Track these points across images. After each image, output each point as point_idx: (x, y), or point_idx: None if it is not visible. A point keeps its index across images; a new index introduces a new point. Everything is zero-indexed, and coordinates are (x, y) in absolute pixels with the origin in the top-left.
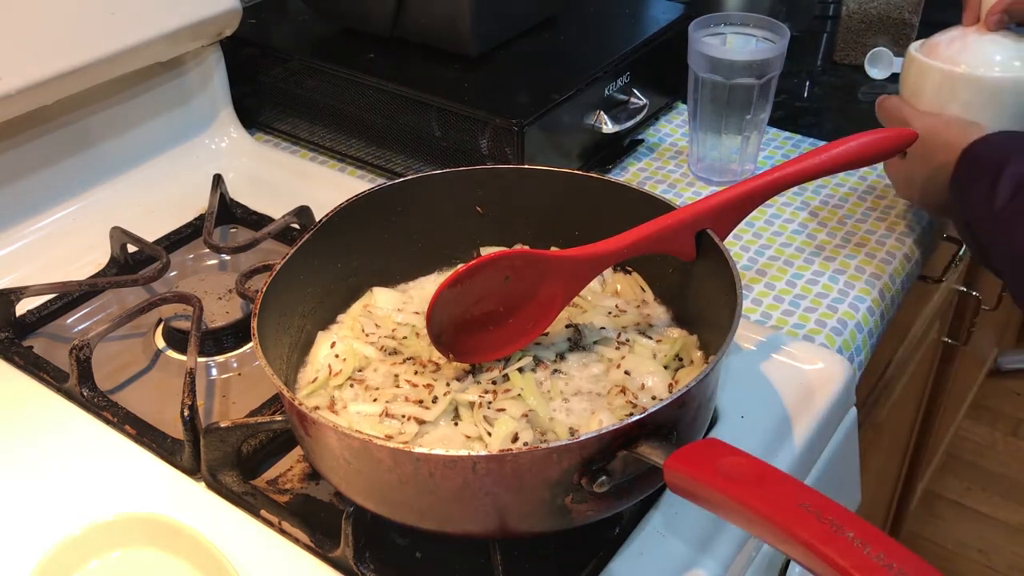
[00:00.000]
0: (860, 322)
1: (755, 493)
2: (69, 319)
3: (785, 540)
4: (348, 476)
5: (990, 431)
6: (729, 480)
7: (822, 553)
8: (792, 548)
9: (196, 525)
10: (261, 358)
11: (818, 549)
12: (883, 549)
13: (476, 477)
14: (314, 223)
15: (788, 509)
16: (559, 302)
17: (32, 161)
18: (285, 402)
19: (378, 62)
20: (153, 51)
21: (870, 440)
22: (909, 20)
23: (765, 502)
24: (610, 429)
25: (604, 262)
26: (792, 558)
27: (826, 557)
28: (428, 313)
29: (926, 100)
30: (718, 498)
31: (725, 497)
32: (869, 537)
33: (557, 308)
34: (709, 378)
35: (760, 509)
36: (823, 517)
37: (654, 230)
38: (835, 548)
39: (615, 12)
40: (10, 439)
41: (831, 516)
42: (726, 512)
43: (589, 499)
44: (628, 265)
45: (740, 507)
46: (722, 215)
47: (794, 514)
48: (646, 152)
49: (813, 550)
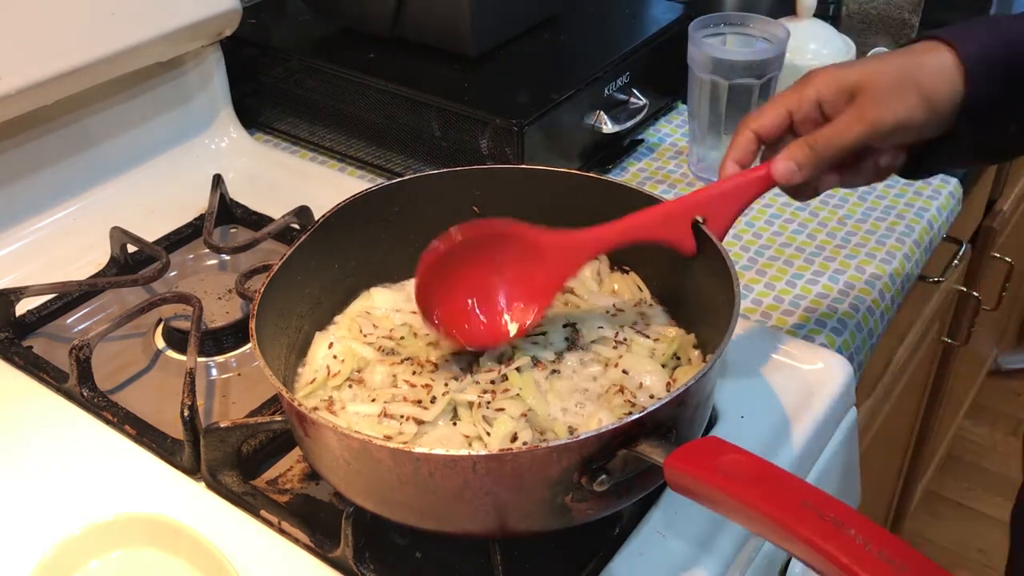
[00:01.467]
0: (860, 322)
1: (756, 491)
2: (69, 319)
3: (787, 538)
4: (348, 476)
5: (990, 431)
6: (730, 478)
7: (824, 550)
8: (794, 545)
9: (196, 525)
10: (260, 358)
11: (820, 546)
12: (885, 546)
13: (476, 477)
14: (312, 223)
15: (790, 507)
16: (552, 286)
17: (32, 161)
18: (284, 403)
19: (378, 62)
20: (153, 51)
21: (870, 440)
22: (909, 20)
23: (766, 500)
24: (610, 428)
25: (595, 246)
26: (794, 555)
27: (828, 554)
28: (417, 283)
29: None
30: (719, 496)
31: (726, 495)
32: (871, 534)
33: (550, 294)
34: (707, 377)
35: (761, 507)
36: (825, 514)
37: (646, 216)
38: (837, 545)
39: (615, 12)
40: (10, 439)
41: (833, 513)
42: (727, 510)
43: (589, 498)
44: (626, 264)
45: (741, 505)
46: (716, 204)
47: (796, 511)
48: (646, 152)
49: (815, 547)
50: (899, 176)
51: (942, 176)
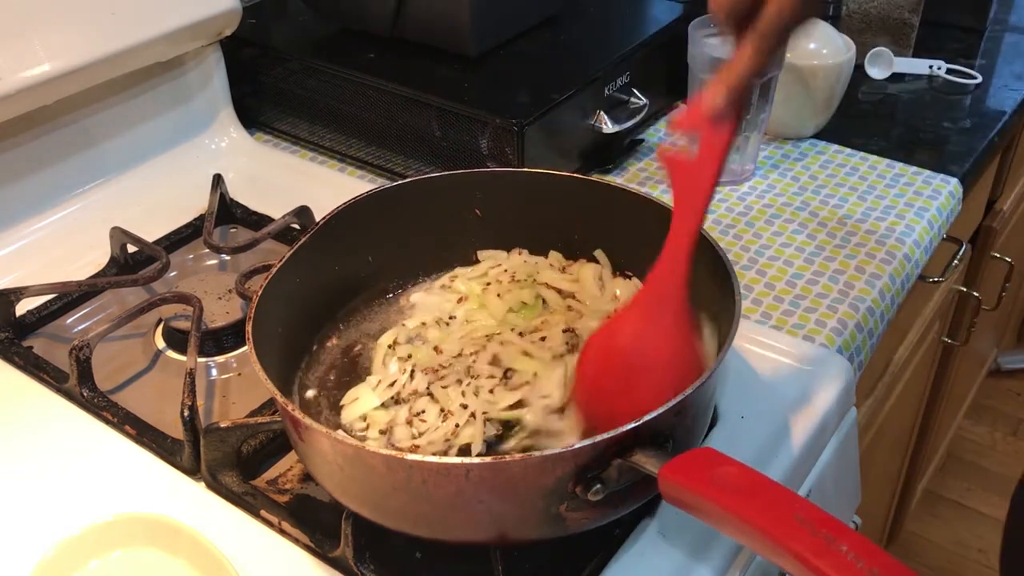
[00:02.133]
0: (860, 322)
1: (749, 504)
2: (69, 319)
3: (778, 552)
4: (343, 483)
5: (990, 431)
6: (723, 491)
7: (814, 567)
8: (785, 561)
9: (196, 525)
10: (255, 362)
11: (811, 563)
12: (877, 563)
13: (469, 484)
14: (312, 225)
15: (782, 521)
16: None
17: (32, 161)
18: (279, 407)
19: (378, 62)
20: (153, 51)
21: (870, 440)
22: (909, 20)
23: (759, 513)
24: (604, 437)
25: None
26: (785, 571)
27: (818, 571)
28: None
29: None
30: (711, 508)
31: (718, 507)
32: (863, 551)
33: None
34: (706, 385)
35: (754, 520)
36: (817, 530)
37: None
38: (828, 562)
39: (615, 12)
40: (10, 439)
41: (825, 529)
42: (719, 523)
43: (584, 507)
44: (628, 270)
45: (733, 518)
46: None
47: (788, 526)
48: (646, 152)
49: (806, 563)
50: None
51: (942, 176)
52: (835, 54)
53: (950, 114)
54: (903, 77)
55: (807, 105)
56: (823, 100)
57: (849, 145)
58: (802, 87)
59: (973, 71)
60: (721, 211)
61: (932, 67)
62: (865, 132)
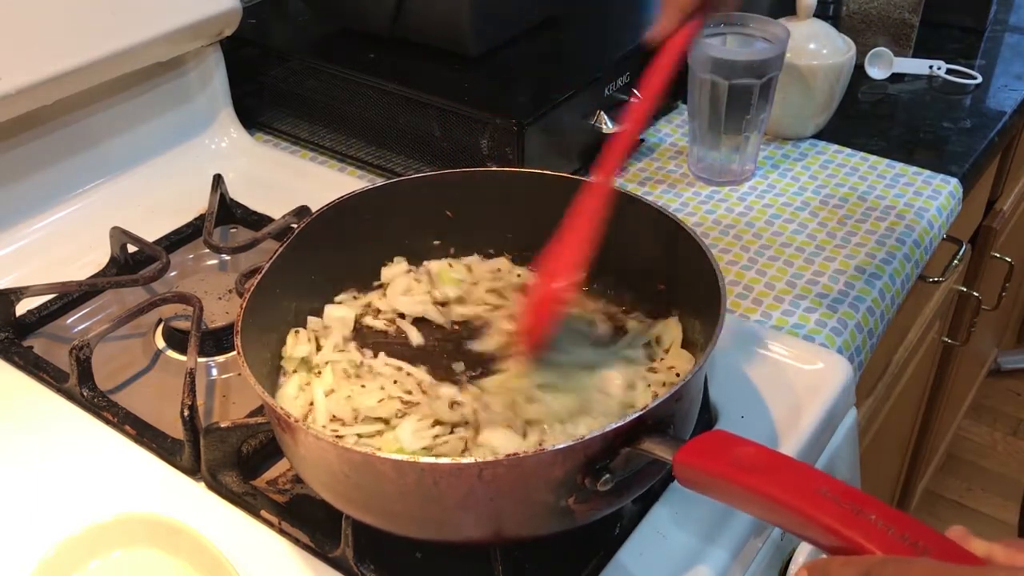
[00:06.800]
0: (860, 322)
1: (772, 481)
2: (69, 319)
3: (806, 526)
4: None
5: (990, 431)
6: (744, 470)
7: (846, 536)
8: (814, 532)
9: (196, 525)
10: (244, 368)
11: (841, 533)
12: (906, 529)
13: (482, 483)
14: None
15: (807, 495)
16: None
17: (32, 161)
18: (269, 412)
19: (378, 62)
20: (153, 51)
21: (870, 440)
22: (909, 20)
23: (783, 489)
24: (612, 427)
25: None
26: (814, 543)
27: (850, 540)
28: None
29: None
30: (733, 488)
31: (741, 487)
32: (891, 518)
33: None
34: (702, 371)
35: (779, 497)
36: (843, 502)
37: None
38: (859, 530)
39: (615, 12)
40: (10, 439)
41: (850, 500)
42: (741, 502)
43: (591, 498)
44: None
45: (757, 496)
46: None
47: (813, 500)
48: (646, 152)
49: (836, 534)
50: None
51: (942, 176)
52: (835, 54)
53: (950, 114)
54: (903, 77)
55: (807, 105)
56: (823, 100)
57: (849, 145)
58: (802, 87)
59: (973, 71)
60: (721, 211)
61: (932, 67)
62: (865, 132)
